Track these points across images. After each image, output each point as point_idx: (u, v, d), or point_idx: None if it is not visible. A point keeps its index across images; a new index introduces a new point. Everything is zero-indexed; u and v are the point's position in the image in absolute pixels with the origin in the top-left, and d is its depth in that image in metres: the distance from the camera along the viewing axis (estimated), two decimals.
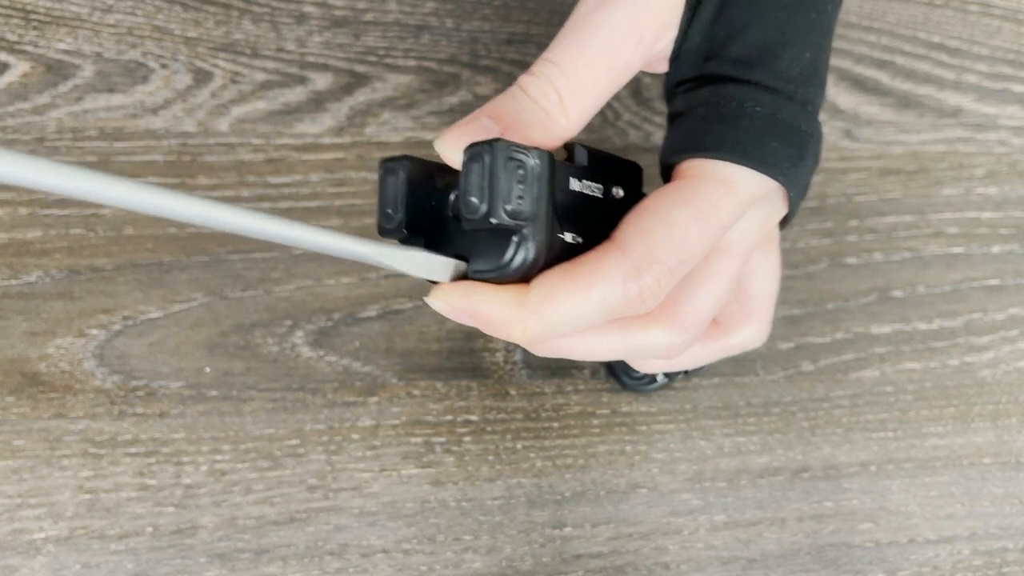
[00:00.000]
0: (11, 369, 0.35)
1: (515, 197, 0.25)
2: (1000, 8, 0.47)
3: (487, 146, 0.25)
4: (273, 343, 0.37)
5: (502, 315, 0.27)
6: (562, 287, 0.26)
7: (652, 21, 0.29)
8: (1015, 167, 0.45)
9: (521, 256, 0.26)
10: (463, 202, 0.25)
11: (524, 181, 0.25)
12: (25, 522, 0.34)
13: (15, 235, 0.36)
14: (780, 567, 0.38)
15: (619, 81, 0.29)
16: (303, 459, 0.36)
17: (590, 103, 0.29)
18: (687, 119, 0.30)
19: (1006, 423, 0.42)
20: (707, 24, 0.30)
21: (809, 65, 0.30)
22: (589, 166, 0.28)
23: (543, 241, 0.26)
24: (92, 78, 0.38)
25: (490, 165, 0.25)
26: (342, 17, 0.40)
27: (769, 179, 0.29)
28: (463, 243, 0.27)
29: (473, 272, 0.27)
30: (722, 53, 0.30)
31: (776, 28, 0.29)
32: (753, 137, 0.29)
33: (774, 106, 0.29)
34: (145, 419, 0.35)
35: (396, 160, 0.28)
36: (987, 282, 0.44)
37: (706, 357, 0.35)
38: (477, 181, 0.25)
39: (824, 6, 0.31)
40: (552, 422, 0.38)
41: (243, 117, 0.38)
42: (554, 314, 0.26)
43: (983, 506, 0.41)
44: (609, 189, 0.29)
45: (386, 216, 0.28)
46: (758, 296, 0.34)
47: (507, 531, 0.37)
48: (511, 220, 0.25)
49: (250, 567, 0.35)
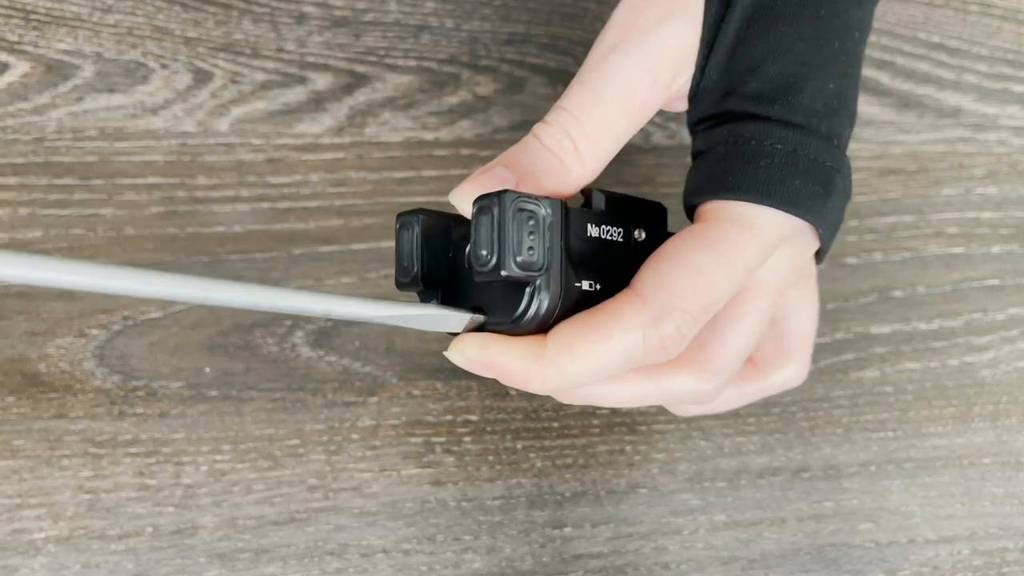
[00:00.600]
0: (11, 369, 0.35)
1: (526, 248, 0.25)
2: (1000, 8, 0.47)
3: (495, 198, 0.25)
4: (273, 343, 0.37)
5: (519, 367, 0.26)
6: (580, 338, 0.26)
7: (667, 61, 0.29)
8: (1015, 167, 0.45)
9: (535, 307, 0.26)
10: (473, 255, 0.25)
11: (536, 232, 0.25)
12: (25, 522, 0.34)
13: (15, 235, 0.36)
14: (780, 567, 0.38)
15: (637, 123, 0.29)
16: (303, 459, 0.36)
17: (606, 148, 0.28)
18: (707, 159, 0.29)
19: (1006, 423, 0.42)
20: (724, 60, 0.29)
21: (834, 96, 0.29)
22: (607, 211, 0.28)
23: (557, 292, 0.26)
24: (92, 78, 0.38)
25: (499, 217, 0.25)
26: (342, 17, 0.40)
27: (794, 218, 0.28)
28: (480, 295, 0.27)
29: (490, 324, 0.27)
30: (740, 89, 0.29)
31: (796, 61, 0.29)
32: (775, 176, 0.28)
33: (795, 143, 0.28)
34: (145, 419, 0.35)
35: (411, 214, 0.28)
36: (987, 282, 0.44)
37: (742, 399, 0.34)
38: (487, 234, 0.25)
39: (849, 34, 0.30)
40: (552, 422, 0.38)
41: (243, 117, 0.38)
42: (572, 366, 0.26)
43: (983, 506, 0.41)
44: (630, 232, 0.28)
45: (403, 270, 0.28)
46: (796, 335, 0.33)
47: (507, 531, 0.37)
48: (522, 272, 0.25)
49: (250, 567, 0.35)
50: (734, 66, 0.29)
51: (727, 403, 0.34)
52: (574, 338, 0.26)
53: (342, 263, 0.38)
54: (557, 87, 0.41)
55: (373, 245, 0.38)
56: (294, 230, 0.38)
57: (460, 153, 0.40)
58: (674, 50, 0.29)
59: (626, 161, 0.30)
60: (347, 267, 0.38)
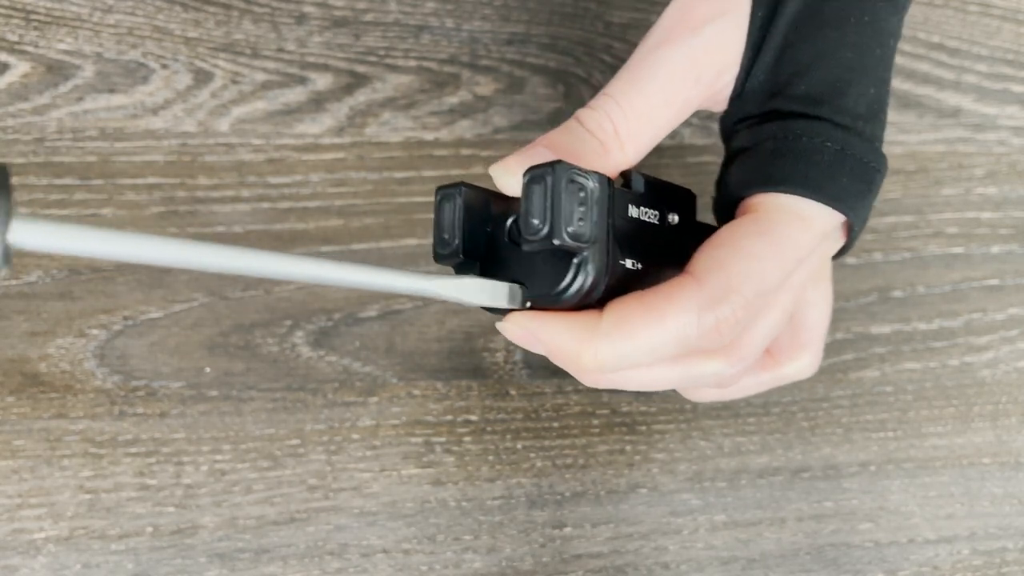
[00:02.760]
0: (11, 369, 0.35)
1: (576, 219, 0.25)
2: (1000, 8, 0.47)
3: (549, 168, 0.25)
4: (273, 343, 0.37)
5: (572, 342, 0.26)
6: (636, 315, 0.26)
7: (712, 61, 0.29)
8: (1015, 167, 0.45)
9: (580, 280, 0.26)
10: (524, 224, 0.25)
11: (585, 204, 0.25)
12: (25, 522, 0.34)
13: None
14: (780, 567, 0.38)
15: (678, 118, 0.29)
16: (303, 459, 0.36)
17: (647, 138, 0.29)
18: (754, 154, 0.30)
19: (1006, 423, 0.42)
20: (772, 63, 0.30)
21: (875, 101, 0.30)
22: (646, 193, 0.28)
23: (602, 265, 0.26)
24: (92, 78, 0.38)
25: (552, 186, 0.25)
26: (342, 17, 0.40)
27: (838, 214, 0.29)
28: (520, 268, 0.27)
29: (531, 296, 0.27)
30: (788, 91, 0.29)
31: (842, 66, 0.29)
32: (826, 172, 0.29)
33: (844, 142, 0.29)
34: (145, 419, 0.35)
35: (453, 187, 0.27)
36: (987, 282, 0.44)
37: (757, 387, 0.34)
38: (539, 202, 0.25)
39: (887, 41, 0.31)
40: (552, 422, 0.38)
41: (243, 117, 0.38)
42: (627, 342, 0.26)
43: (983, 506, 0.41)
44: (665, 216, 0.29)
45: (442, 242, 0.28)
46: (811, 328, 0.34)
47: (507, 531, 0.37)
48: (572, 242, 0.25)
49: (250, 567, 0.35)
50: (781, 68, 0.30)
51: (743, 390, 0.34)
52: (631, 314, 0.26)
53: None
54: (557, 87, 0.41)
55: (373, 245, 0.38)
56: (294, 230, 0.38)
57: (460, 153, 0.40)
58: (720, 50, 0.29)
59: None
60: None
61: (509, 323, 0.27)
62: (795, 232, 0.28)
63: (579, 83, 0.41)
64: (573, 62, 0.42)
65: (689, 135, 0.42)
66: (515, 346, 0.39)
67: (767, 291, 0.28)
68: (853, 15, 0.30)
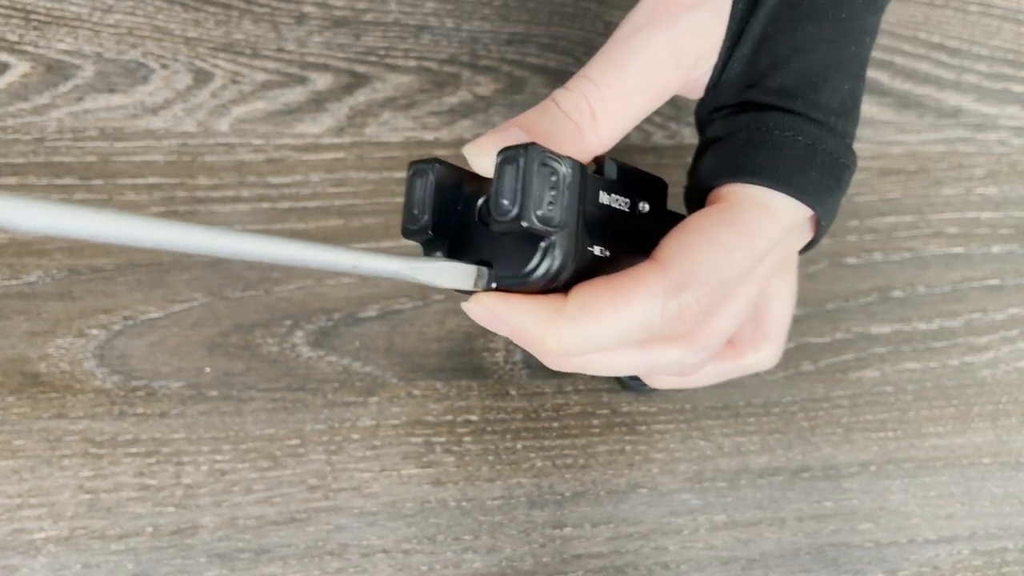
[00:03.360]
0: (11, 369, 0.35)
1: (546, 203, 0.25)
2: (1000, 8, 0.47)
3: (522, 149, 0.25)
4: (273, 343, 0.37)
5: (537, 325, 0.26)
6: (601, 299, 0.26)
7: (692, 47, 0.29)
8: (1015, 167, 0.45)
9: (547, 264, 0.26)
10: (494, 204, 0.25)
11: (556, 188, 0.25)
12: (25, 522, 0.34)
13: (15, 235, 0.36)
14: (780, 567, 0.38)
15: (654, 103, 0.29)
16: (303, 459, 0.36)
17: (623, 121, 0.29)
18: (727, 144, 0.30)
19: (1006, 423, 0.42)
20: (749, 54, 0.30)
21: (848, 97, 0.30)
22: (618, 180, 0.28)
23: (570, 250, 0.26)
24: (92, 78, 0.38)
25: (524, 168, 0.25)
26: (342, 17, 0.40)
27: (806, 208, 0.29)
28: (488, 249, 0.27)
29: (497, 278, 0.27)
30: (763, 83, 0.30)
31: (818, 60, 0.30)
32: (796, 166, 0.29)
33: (815, 136, 0.29)
34: (145, 419, 0.35)
35: (426, 162, 0.27)
36: (987, 282, 0.44)
37: (718, 376, 0.35)
38: (510, 184, 0.25)
39: (862, 39, 0.31)
40: (552, 422, 0.38)
41: (243, 117, 0.38)
42: (591, 326, 0.26)
43: (983, 506, 0.41)
44: (636, 203, 0.29)
45: (412, 217, 0.27)
46: (774, 320, 0.34)
47: (507, 531, 0.37)
48: (541, 225, 0.25)
49: (250, 567, 0.35)
50: (759, 59, 0.30)
51: (705, 379, 0.35)
52: (595, 299, 0.26)
53: None
54: (557, 87, 0.41)
55: (373, 245, 0.38)
56: (294, 230, 0.38)
57: (460, 153, 0.40)
58: (701, 36, 0.29)
59: (626, 161, 0.30)
60: None
61: (474, 304, 0.27)
62: (763, 223, 0.28)
63: None
64: (573, 62, 0.42)
65: (689, 135, 0.42)
66: (515, 346, 0.39)
67: (732, 280, 0.28)
68: (831, 10, 0.30)
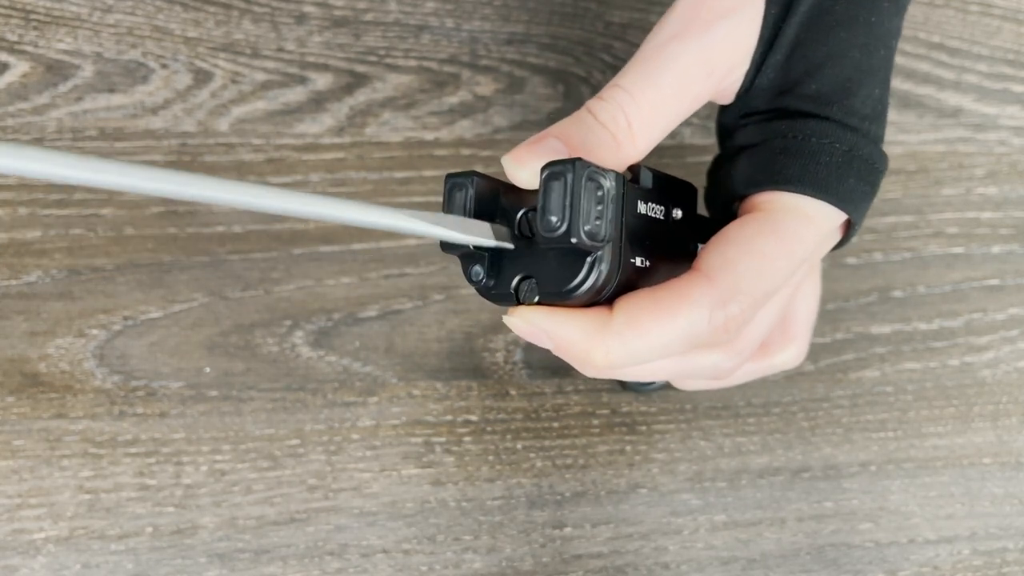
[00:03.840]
0: (11, 369, 0.35)
1: (593, 218, 0.25)
2: (1000, 8, 0.47)
3: (569, 165, 0.25)
4: (273, 343, 0.37)
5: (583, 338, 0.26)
6: (647, 312, 0.26)
7: (725, 56, 0.29)
8: (1015, 167, 0.45)
9: (593, 278, 0.26)
10: (541, 220, 0.25)
11: (602, 202, 0.25)
12: (25, 522, 0.34)
13: (15, 235, 0.36)
14: (780, 567, 0.38)
15: (687, 111, 0.29)
16: (303, 459, 0.36)
17: (657, 131, 0.29)
18: (761, 151, 0.30)
19: (1006, 423, 0.42)
20: (782, 61, 0.30)
21: (879, 102, 0.30)
22: (653, 188, 0.28)
23: (616, 265, 0.26)
24: (92, 78, 0.38)
25: (572, 184, 0.24)
26: (342, 17, 0.40)
27: (842, 214, 0.29)
28: (530, 263, 0.27)
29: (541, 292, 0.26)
30: (797, 89, 0.30)
31: (852, 67, 0.30)
32: (834, 173, 0.29)
33: (852, 143, 0.29)
34: (145, 419, 0.35)
35: (464, 175, 0.27)
36: (987, 282, 0.44)
37: (746, 376, 0.35)
38: (558, 200, 0.25)
39: (890, 42, 0.31)
40: (552, 422, 0.38)
41: (243, 117, 0.38)
42: (638, 339, 0.26)
43: (983, 506, 0.41)
44: (670, 211, 0.29)
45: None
46: (800, 320, 0.34)
47: (507, 531, 0.37)
48: (589, 241, 0.25)
49: (250, 567, 0.35)
50: (793, 66, 0.30)
51: (734, 379, 0.35)
52: (641, 311, 0.26)
53: (342, 263, 0.38)
54: (557, 87, 0.41)
55: (373, 245, 0.38)
56: (294, 230, 0.38)
57: (460, 153, 0.40)
58: (734, 45, 0.29)
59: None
60: (347, 267, 0.38)
61: (516, 318, 0.27)
62: (802, 231, 0.29)
63: (579, 83, 0.41)
64: (573, 62, 0.41)
65: (689, 135, 0.42)
66: (515, 346, 0.39)
67: (775, 289, 0.28)
68: (862, 15, 0.30)
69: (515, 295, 0.27)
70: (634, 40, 0.42)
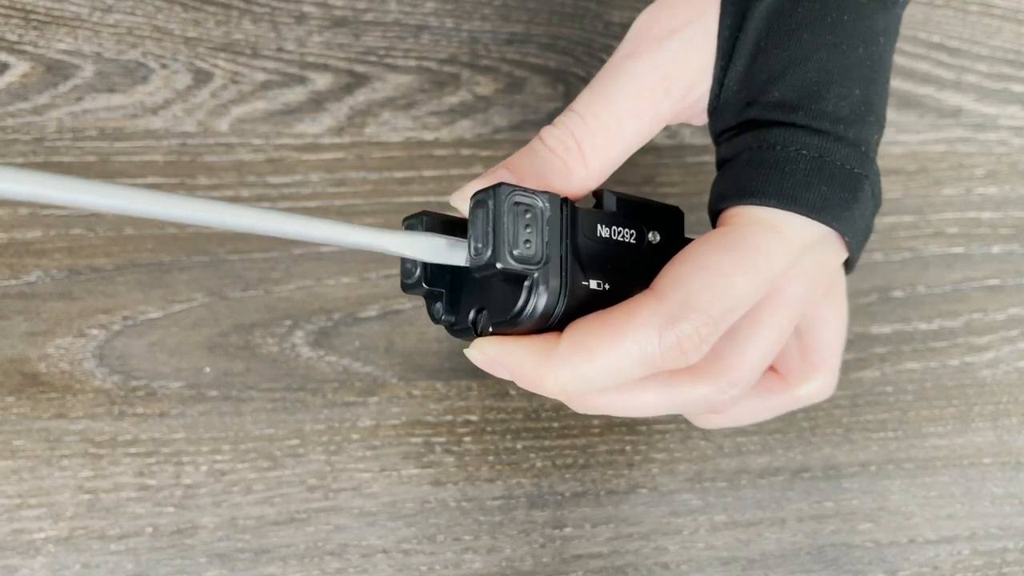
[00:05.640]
0: (11, 369, 0.35)
1: (522, 241, 0.25)
2: (1000, 8, 0.47)
3: (491, 191, 0.25)
4: (273, 343, 0.37)
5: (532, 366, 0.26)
6: (593, 335, 0.25)
7: (681, 71, 0.28)
8: (1015, 167, 0.45)
9: (533, 302, 0.25)
10: (471, 249, 0.25)
11: (532, 225, 0.25)
12: (25, 522, 0.34)
13: (15, 235, 0.36)
14: (780, 567, 0.38)
15: (647, 131, 0.28)
16: (303, 459, 0.36)
17: (613, 152, 0.28)
18: (731, 166, 0.29)
19: (1006, 423, 0.42)
20: (743, 72, 0.29)
21: (861, 103, 0.29)
22: (619, 211, 0.28)
23: (557, 287, 0.26)
24: (92, 78, 0.38)
25: (494, 209, 0.24)
26: (342, 17, 0.40)
27: (820, 224, 0.28)
28: (481, 294, 0.27)
29: (492, 323, 0.26)
30: (762, 99, 0.28)
31: (818, 68, 0.28)
32: (800, 181, 0.27)
33: (821, 148, 0.28)
34: (145, 419, 0.35)
35: (415, 217, 0.27)
36: (987, 282, 0.44)
37: (768, 411, 0.33)
38: (482, 227, 0.25)
39: (874, 39, 0.29)
40: (552, 422, 0.38)
41: (243, 117, 0.38)
42: (586, 363, 0.25)
43: (983, 506, 0.41)
44: (643, 234, 0.28)
45: (406, 271, 0.28)
46: (823, 347, 0.32)
47: (507, 531, 0.37)
48: (518, 265, 0.24)
49: (250, 567, 0.35)
50: (754, 76, 0.29)
51: (753, 415, 0.33)
52: (587, 335, 0.25)
53: (342, 263, 0.38)
54: (557, 87, 0.41)
55: None
56: None
57: (460, 153, 0.40)
58: (689, 60, 0.29)
59: (627, 161, 0.30)
60: (347, 267, 0.38)
61: (473, 349, 0.27)
62: (766, 244, 0.27)
63: (579, 83, 0.41)
64: (573, 62, 0.41)
65: (689, 135, 0.42)
66: None
67: (736, 307, 0.27)
68: (830, 15, 0.28)
69: (473, 328, 0.27)
70: None
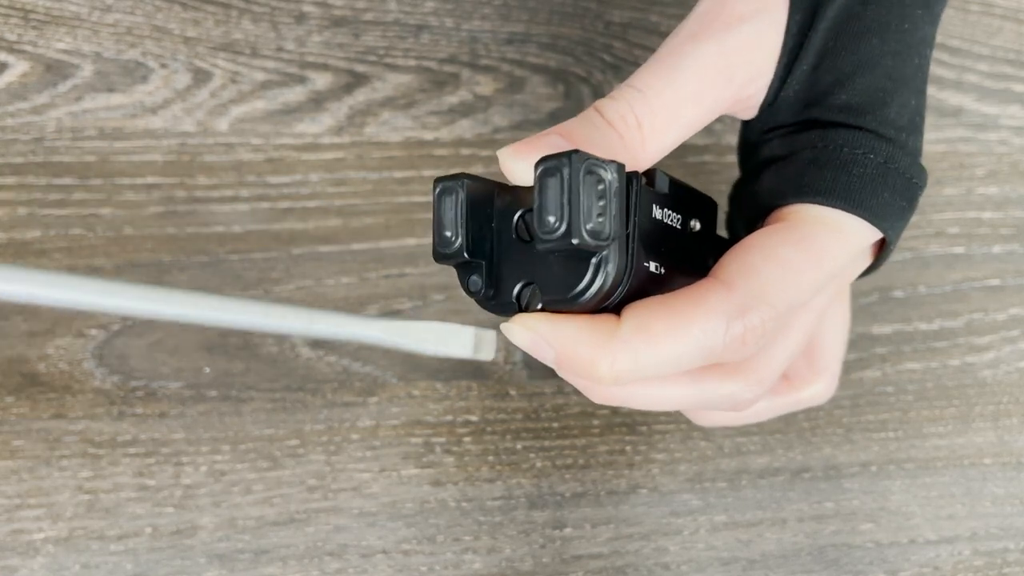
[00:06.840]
0: (11, 369, 0.35)
1: (595, 215, 0.22)
2: (1001, 8, 0.46)
3: (565, 158, 0.22)
4: (273, 343, 0.37)
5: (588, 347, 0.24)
6: (659, 319, 0.24)
7: (744, 63, 0.27)
8: (1016, 167, 0.45)
9: (600, 281, 0.23)
10: (538, 221, 0.22)
11: (604, 197, 0.23)
12: (24, 522, 0.34)
13: (15, 235, 0.36)
14: (780, 567, 0.38)
15: (703, 119, 0.27)
16: (303, 459, 0.36)
17: (671, 135, 0.26)
18: (790, 163, 0.28)
19: (1007, 423, 0.42)
20: (809, 71, 0.28)
21: (916, 113, 0.28)
22: (670, 194, 0.26)
23: (623, 266, 0.24)
24: (91, 78, 0.38)
25: (569, 179, 0.22)
26: (342, 17, 0.40)
27: (876, 231, 0.27)
28: (531, 268, 0.25)
29: (544, 300, 0.24)
30: (827, 100, 0.28)
31: (884, 75, 0.28)
32: (867, 186, 0.27)
33: (887, 155, 0.27)
34: (144, 419, 0.35)
35: (453, 178, 0.25)
36: (988, 282, 0.44)
37: (771, 412, 0.33)
38: (555, 197, 0.22)
39: (925, 51, 0.29)
40: (552, 422, 0.38)
41: (243, 117, 0.38)
42: (647, 349, 0.24)
43: (984, 506, 0.41)
44: (687, 221, 0.27)
45: (444, 240, 0.25)
46: (828, 351, 0.32)
47: (507, 531, 0.37)
48: (592, 240, 0.22)
49: (250, 568, 0.35)
50: (821, 76, 0.28)
51: (756, 415, 0.33)
52: (652, 319, 0.24)
53: (342, 263, 0.38)
54: (557, 87, 0.41)
55: (373, 245, 0.38)
56: (294, 230, 0.38)
57: (460, 153, 0.40)
58: (756, 50, 0.28)
59: None
60: (347, 267, 0.38)
61: (516, 325, 0.24)
62: (832, 246, 0.26)
63: (579, 83, 0.41)
64: (573, 62, 0.41)
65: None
66: (515, 346, 0.39)
67: (798, 304, 0.26)
68: (894, 22, 0.28)
69: (517, 303, 0.25)
70: (634, 40, 0.42)
